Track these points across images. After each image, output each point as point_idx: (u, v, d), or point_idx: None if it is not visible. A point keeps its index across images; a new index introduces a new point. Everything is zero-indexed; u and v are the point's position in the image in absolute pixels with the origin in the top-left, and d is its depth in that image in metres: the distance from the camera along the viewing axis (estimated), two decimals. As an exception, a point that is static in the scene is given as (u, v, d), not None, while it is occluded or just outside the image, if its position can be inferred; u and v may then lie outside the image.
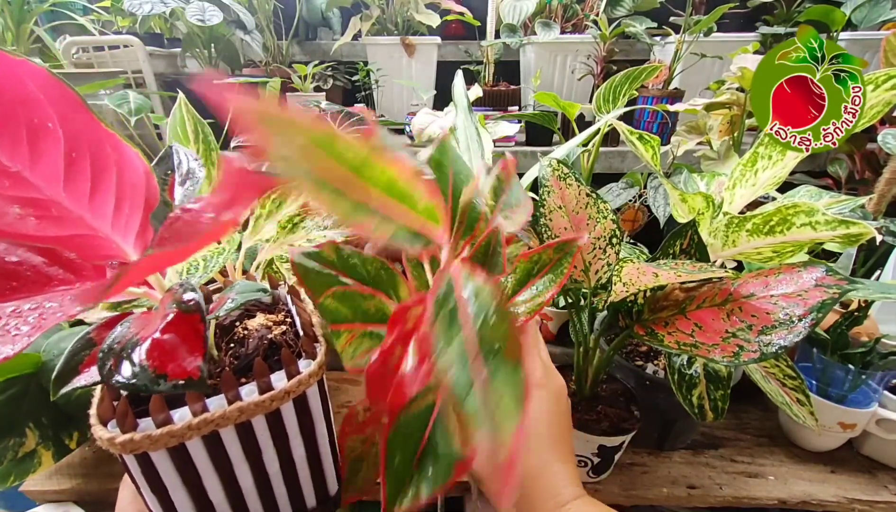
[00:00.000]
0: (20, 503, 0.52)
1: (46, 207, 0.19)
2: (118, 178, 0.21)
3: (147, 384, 0.19)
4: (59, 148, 0.19)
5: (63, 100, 0.19)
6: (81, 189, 0.20)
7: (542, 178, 0.44)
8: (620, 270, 0.38)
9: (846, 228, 0.35)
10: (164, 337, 0.20)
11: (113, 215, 0.21)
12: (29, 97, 0.18)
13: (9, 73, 0.17)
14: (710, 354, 0.33)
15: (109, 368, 0.20)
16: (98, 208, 0.20)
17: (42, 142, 0.18)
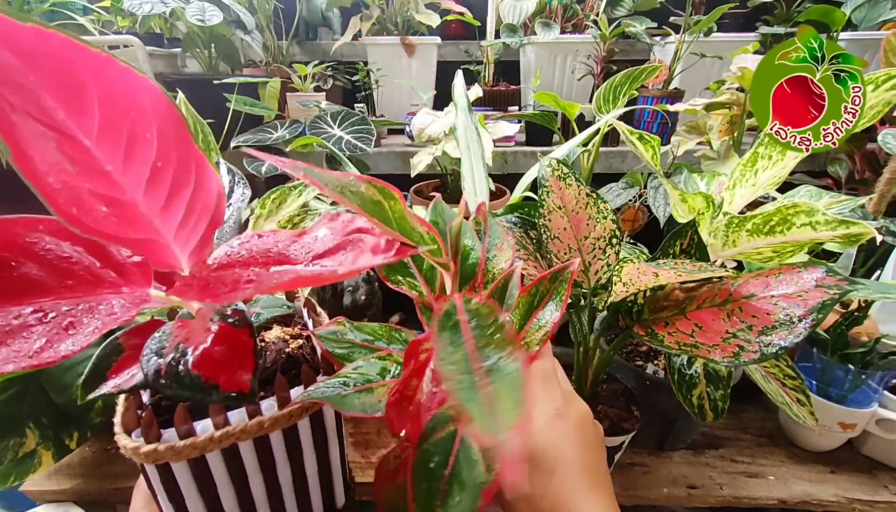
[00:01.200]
0: (20, 503, 0.52)
1: (126, 209, 0.20)
2: (193, 193, 0.22)
3: (199, 394, 0.19)
4: (150, 157, 0.20)
5: (167, 116, 0.21)
6: (159, 198, 0.21)
7: (542, 179, 0.44)
8: (620, 271, 0.38)
9: (846, 228, 0.35)
10: (215, 348, 0.20)
11: (178, 227, 0.22)
12: (139, 108, 0.20)
13: (128, 84, 0.19)
14: (711, 355, 0.33)
15: (156, 374, 0.20)
16: (168, 218, 0.22)
17: (137, 149, 0.20)
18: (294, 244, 0.23)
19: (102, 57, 0.19)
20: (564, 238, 0.43)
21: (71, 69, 0.18)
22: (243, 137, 0.93)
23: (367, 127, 0.92)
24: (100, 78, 0.19)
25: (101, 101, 0.19)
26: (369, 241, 0.21)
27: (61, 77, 0.18)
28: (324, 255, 0.22)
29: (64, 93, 0.18)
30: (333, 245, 0.22)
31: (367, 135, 0.91)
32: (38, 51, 0.17)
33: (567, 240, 0.43)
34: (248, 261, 0.23)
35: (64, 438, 0.50)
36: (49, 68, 0.18)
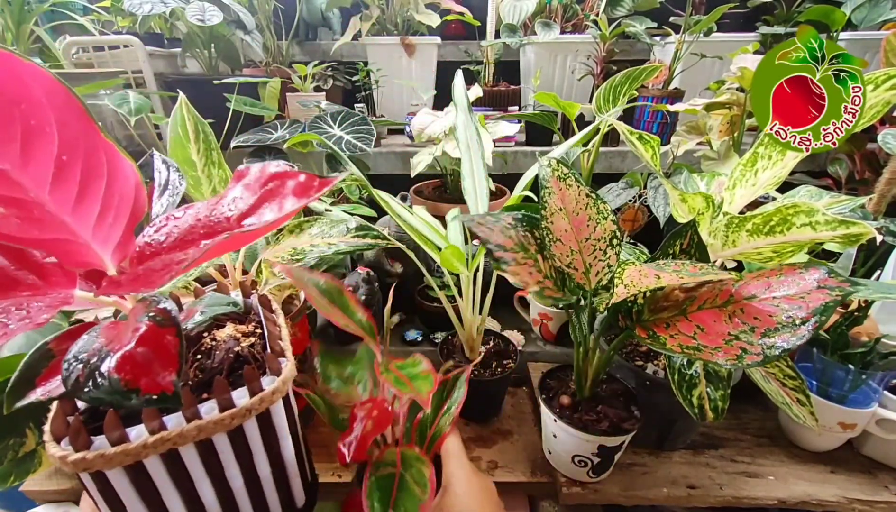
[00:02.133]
0: (20, 503, 0.52)
1: (29, 209, 0.19)
2: (107, 187, 0.21)
3: (118, 398, 0.18)
4: (52, 151, 0.19)
5: (65, 106, 0.19)
6: (68, 194, 0.20)
7: (543, 180, 0.44)
8: (622, 272, 0.38)
9: (846, 228, 0.35)
10: (138, 350, 0.19)
11: (95, 223, 0.21)
12: (30, 99, 0.18)
13: (12, 74, 0.17)
14: (714, 358, 0.33)
15: (76, 380, 0.19)
16: (82, 215, 0.20)
17: (36, 143, 0.18)
18: (215, 211, 0.22)
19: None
20: (566, 240, 0.43)
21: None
22: (243, 137, 0.93)
23: (367, 127, 0.92)
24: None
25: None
26: (290, 185, 0.21)
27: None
28: (249, 212, 0.21)
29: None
30: (255, 200, 0.22)
31: (367, 135, 0.91)
32: None
33: (569, 242, 0.43)
34: (177, 243, 0.22)
35: (64, 438, 0.50)
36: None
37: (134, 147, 0.99)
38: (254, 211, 0.21)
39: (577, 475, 0.52)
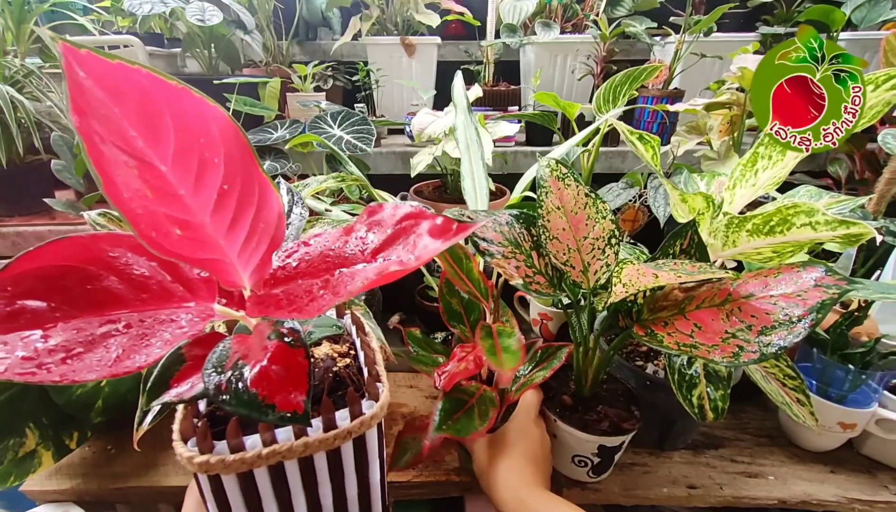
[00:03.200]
0: (20, 503, 0.52)
1: (195, 230, 0.21)
2: (255, 214, 0.23)
3: (256, 413, 0.20)
4: (217, 181, 0.21)
5: (233, 141, 0.22)
6: (224, 219, 0.22)
7: (541, 179, 0.44)
8: (620, 271, 0.38)
9: (846, 228, 0.35)
10: (272, 367, 0.21)
11: (242, 246, 0.23)
12: (208, 135, 0.21)
13: (200, 112, 0.21)
14: (710, 355, 0.33)
15: (217, 389, 0.20)
16: (233, 238, 0.23)
17: (206, 173, 0.21)
18: (347, 244, 0.24)
19: (178, 88, 0.20)
20: (563, 238, 0.43)
21: (149, 100, 0.19)
22: (243, 137, 0.93)
23: (368, 127, 0.92)
24: (174, 108, 0.20)
25: (175, 129, 0.20)
26: (425, 226, 0.22)
27: (141, 108, 0.19)
28: (381, 248, 0.23)
29: (143, 123, 0.19)
30: (387, 237, 0.23)
31: (368, 135, 0.91)
32: (122, 85, 0.19)
33: (566, 240, 0.43)
34: (310, 270, 0.24)
35: (64, 438, 0.50)
36: (131, 101, 0.19)
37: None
38: (386, 247, 0.23)
39: (577, 475, 0.52)
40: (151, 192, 0.20)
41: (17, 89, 0.82)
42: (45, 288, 0.18)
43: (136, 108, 0.19)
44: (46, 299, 0.18)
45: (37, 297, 0.18)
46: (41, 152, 0.85)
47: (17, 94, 0.79)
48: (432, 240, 0.21)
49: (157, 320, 0.21)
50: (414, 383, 0.69)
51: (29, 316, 0.18)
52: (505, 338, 0.44)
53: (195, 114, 0.21)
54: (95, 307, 0.20)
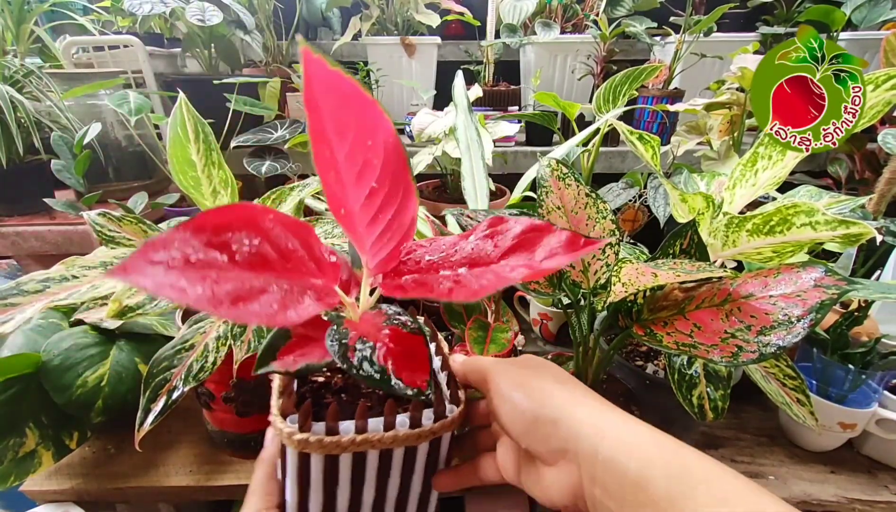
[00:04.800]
0: (20, 503, 0.52)
1: (348, 217, 0.25)
2: (394, 215, 0.26)
3: (386, 384, 0.22)
4: (371, 180, 0.25)
5: (394, 150, 0.25)
6: (369, 213, 0.25)
7: (541, 179, 0.44)
8: (619, 271, 0.38)
9: (846, 228, 0.35)
10: (395, 347, 0.23)
11: (375, 241, 0.26)
12: (375, 141, 0.24)
13: (374, 122, 0.24)
14: (709, 355, 0.33)
15: (348, 359, 0.22)
16: (370, 231, 0.26)
17: (366, 172, 0.25)
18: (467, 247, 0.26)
19: (368, 99, 0.24)
20: (564, 238, 0.43)
21: (346, 103, 0.23)
22: (243, 137, 0.93)
23: (367, 127, 0.92)
24: (359, 113, 0.24)
25: (355, 130, 0.24)
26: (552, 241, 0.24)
27: (338, 107, 0.23)
28: (507, 254, 0.25)
29: (335, 119, 0.23)
30: (513, 244, 0.25)
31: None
32: (331, 87, 0.22)
33: (567, 240, 0.43)
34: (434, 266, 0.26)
35: (64, 438, 0.50)
36: (334, 102, 0.23)
37: (134, 147, 0.99)
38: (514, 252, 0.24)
39: (576, 475, 0.52)
40: (334, 175, 0.24)
41: (17, 89, 0.82)
42: (222, 242, 0.21)
43: (335, 107, 0.23)
44: (222, 251, 0.21)
45: (216, 248, 0.21)
46: (41, 152, 0.85)
47: (17, 94, 0.79)
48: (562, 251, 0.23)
49: (299, 288, 0.23)
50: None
51: (209, 262, 0.20)
52: (498, 333, 0.44)
53: (371, 122, 0.24)
54: (255, 266, 0.22)
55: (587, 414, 0.26)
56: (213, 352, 0.43)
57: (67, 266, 0.45)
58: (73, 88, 0.83)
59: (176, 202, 0.90)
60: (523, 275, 0.23)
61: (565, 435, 0.25)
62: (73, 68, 1.02)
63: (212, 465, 0.53)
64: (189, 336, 0.45)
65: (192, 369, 0.42)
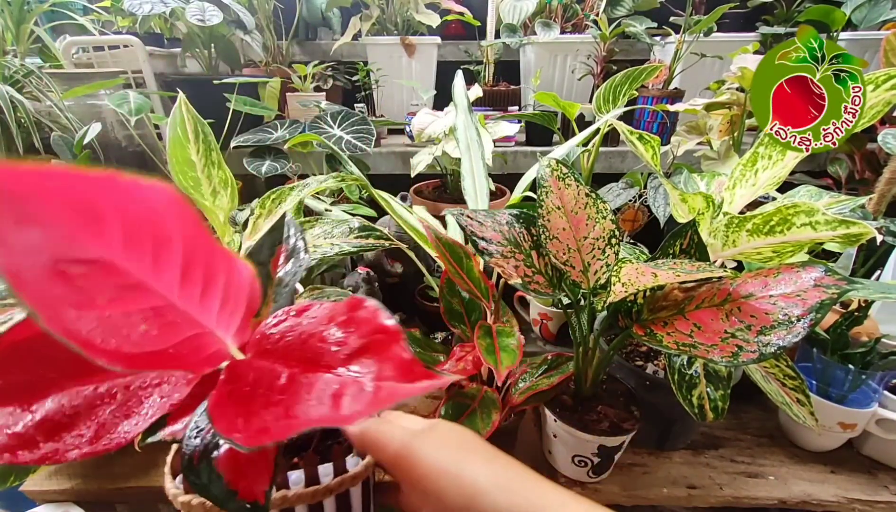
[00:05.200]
0: (20, 503, 0.52)
1: (164, 314, 0.20)
2: (225, 282, 0.23)
3: (220, 498, 0.20)
4: (178, 258, 0.20)
5: (183, 217, 0.20)
6: (194, 293, 0.21)
7: (541, 179, 0.44)
8: (619, 271, 0.38)
9: (846, 228, 0.35)
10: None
11: (218, 314, 0.23)
12: (155, 216, 0.19)
13: (138, 195, 0.18)
14: (709, 355, 0.33)
15: (190, 463, 0.21)
16: (206, 308, 0.22)
17: (164, 253, 0.20)
18: (327, 331, 0.23)
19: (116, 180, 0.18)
20: (563, 238, 0.43)
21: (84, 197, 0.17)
22: (243, 137, 0.93)
23: (367, 127, 0.92)
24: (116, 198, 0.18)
25: (121, 218, 0.18)
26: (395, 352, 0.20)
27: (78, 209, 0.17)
28: (352, 357, 0.21)
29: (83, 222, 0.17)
30: (360, 346, 0.21)
31: (367, 135, 0.91)
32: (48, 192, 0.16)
33: (566, 240, 0.43)
34: (285, 352, 0.23)
35: (64, 438, 0.50)
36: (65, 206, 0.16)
37: (134, 147, 0.99)
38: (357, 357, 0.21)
39: (577, 475, 0.52)
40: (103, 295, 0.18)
41: (17, 89, 0.82)
42: (35, 360, 0.18)
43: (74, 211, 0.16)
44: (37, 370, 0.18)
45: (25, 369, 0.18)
46: (41, 152, 0.85)
47: (17, 94, 0.79)
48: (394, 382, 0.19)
49: (142, 386, 0.20)
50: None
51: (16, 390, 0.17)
52: (504, 337, 0.44)
53: (140, 198, 0.19)
54: (85, 374, 0.19)
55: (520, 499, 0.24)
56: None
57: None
58: (73, 88, 0.83)
59: (176, 202, 0.90)
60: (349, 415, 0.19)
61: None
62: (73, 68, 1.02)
63: (212, 465, 0.53)
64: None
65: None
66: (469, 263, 0.46)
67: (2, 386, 0.17)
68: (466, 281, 0.47)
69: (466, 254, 0.46)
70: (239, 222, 0.76)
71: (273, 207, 0.51)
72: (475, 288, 0.47)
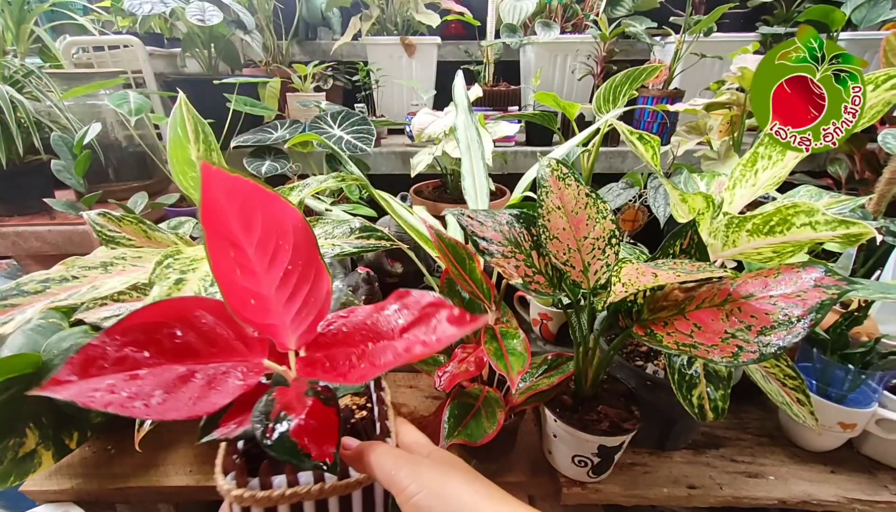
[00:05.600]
0: (20, 503, 0.52)
1: (262, 301, 0.27)
2: (309, 291, 0.29)
3: (296, 460, 0.24)
4: (285, 263, 0.28)
5: (301, 233, 0.28)
6: (285, 293, 0.28)
7: (541, 179, 0.44)
8: (619, 271, 0.38)
9: (846, 228, 0.35)
10: (310, 421, 0.25)
11: (294, 316, 0.29)
12: (283, 228, 0.27)
13: (281, 212, 0.27)
14: (709, 355, 0.33)
15: (264, 434, 0.24)
16: (289, 309, 0.28)
17: (278, 257, 0.27)
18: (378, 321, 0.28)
19: (269, 194, 0.27)
20: (563, 238, 0.43)
21: (250, 202, 0.26)
22: (243, 137, 0.93)
23: (367, 127, 0.92)
24: (265, 208, 0.27)
25: (263, 223, 0.27)
26: (444, 314, 0.26)
27: (244, 209, 0.26)
28: (408, 328, 0.27)
29: (243, 219, 0.26)
30: (413, 319, 0.27)
31: (367, 135, 0.91)
32: (233, 191, 0.25)
33: (566, 240, 0.43)
34: (347, 339, 0.29)
35: (64, 438, 0.50)
36: (239, 202, 0.26)
37: (134, 147, 0.99)
38: (412, 327, 0.27)
39: (577, 475, 0.52)
40: (240, 271, 0.26)
41: (17, 89, 0.82)
42: (145, 339, 0.24)
43: (240, 207, 0.26)
44: (145, 349, 0.23)
45: (138, 346, 0.23)
46: (41, 152, 0.85)
47: (17, 94, 0.79)
48: (449, 326, 0.26)
49: (223, 370, 0.26)
50: (414, 383, 0.69)
51: (131, 361, 0.23)
52: (509, 339, 0.44)
53: (277, 211, 0.27)
54: (180, 357, 0.25)
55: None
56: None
57: (67, 266, 0.44)
58: (73, 88, 0.83)
59: (176, 202, 0.90)
60: (423, 352, 0.25)
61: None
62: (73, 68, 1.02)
63: (212, 465, 0.53)
64: (189, 336, 0.45)
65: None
66: (472, 265, 0.46)
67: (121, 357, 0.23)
68: (469, 282, 0.46)
69: (469, 255, 0.46)
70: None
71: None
72: (477, 289, 0.47)
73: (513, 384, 0.39)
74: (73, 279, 0.43)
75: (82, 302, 0.43)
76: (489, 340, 0.43)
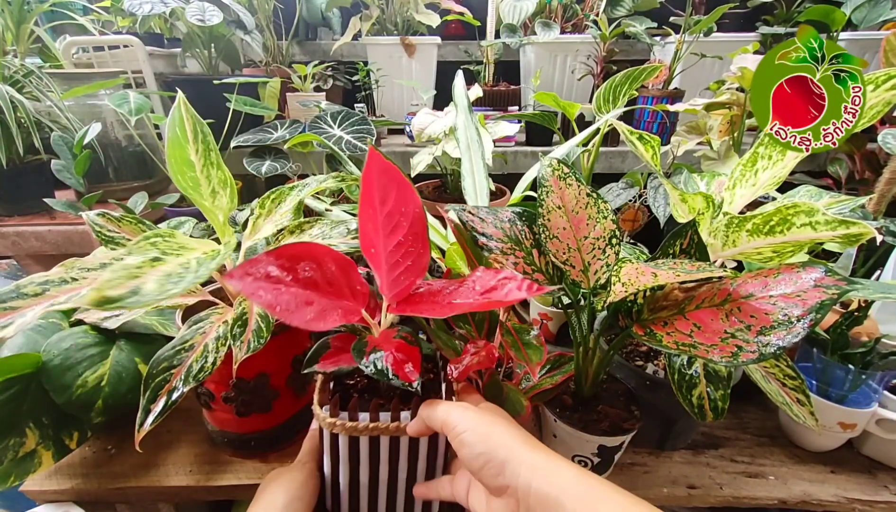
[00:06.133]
0: (20, 503, 0.52)
1: (377, 256, 0.36)
2: (413, 261, 0.36)
3: (387, 379, 0.32)
4: (400, 236, 0.36)
5: (419, 216, 0.37)
6: (395, 258, 0.36)
7: (542, 178, 0.44)
8: (619, 271, 0.38)
9: (846, 228, 0.35)
10: (398, 354, 0.34)
11: (396, 277, 0.36)
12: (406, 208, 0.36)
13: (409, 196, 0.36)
14: (709, 355, 0.33)
15: (362, 360, 0.33)
16: (392, 271, 0.36)
17: (397, 230, 0.36)
18: (460, 287, 0.36)
19: (405, 181, 0.36)
20: (564, 238, 0.43)
21: (391, 181, 0.36)
22: (243, 137, 0.93)
23: (367, 127, 0.92)
24: (398, 190, 0.36)
25: (394, 200, 0.36)
26: (514, 283, 0.34)
27: (386, 185, 0.36)
28: (488, 291, 0.34)
29: (382, 192, 0.35)
30: (491, 286, 0.34)
31: (367, 135, 0.91)
32: (384, 171, 0.35)
33: (566, 239, 0.43)
34: (433, 295, 0.36)
35: (64, 438, 0.50)
36: (385, 180, 0.36)
37: (134, 147, 0.99)
38: (491, 291, 0.34)
39: (576, 475, 0.52)
40: (372, 226, 0.35)
41: (17, 89, 0.82)
42: (291, 267, 0.31)
43: (385, 183, 0.35)
44: (289, 273, 0.31)
45: (286, 270, 0.31)
46: (41, 152, 0.85)
47: (17, 94, 0.79)
48: (518, 291, 0.33)
49: (331, 306, 0.32)
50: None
51: (279, 279, 0.30)
52: (523, 334, 0.45)
53: (406, 195, 0.36)
54: (307, 286, 0.32)
55: (527, 456, 0.31)
56: (212, 352, 0.43)
57: (67, 268, 0.44)
58: (73, 88, 0.83)
59: (176, 202, 0.90)
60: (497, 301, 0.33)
61: (509, 475, 0.30)
62: (73, 68, 1.02)
63: (212, 465, 0.53)
64: (189, 336, 0.45)
65: (192, 370, 0.42)
66: (487, 262, 0.46)
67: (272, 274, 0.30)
68: None
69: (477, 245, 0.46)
70: (239, 222, 0.76)
71: (273, 207, 0.51)
72: None
73: (534, 374, 0.42)
74: (73, 281, 0.43)
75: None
76: (506, 334, 0.44)
